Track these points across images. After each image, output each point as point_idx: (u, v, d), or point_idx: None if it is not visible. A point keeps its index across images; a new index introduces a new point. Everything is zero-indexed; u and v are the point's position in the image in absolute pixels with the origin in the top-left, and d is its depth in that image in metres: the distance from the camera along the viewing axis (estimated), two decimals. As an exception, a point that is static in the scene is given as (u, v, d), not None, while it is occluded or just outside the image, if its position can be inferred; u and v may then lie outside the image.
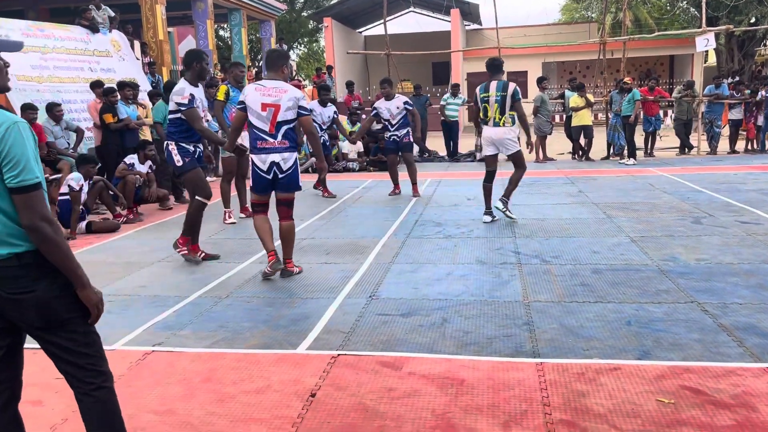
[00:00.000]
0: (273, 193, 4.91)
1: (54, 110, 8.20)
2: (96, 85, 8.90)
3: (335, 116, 9.09)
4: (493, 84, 6.60)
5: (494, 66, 6.68)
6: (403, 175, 8.86)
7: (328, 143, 11.12)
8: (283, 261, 4.94)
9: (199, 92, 5.27)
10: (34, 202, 1.83)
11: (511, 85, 6.56)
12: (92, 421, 2.06)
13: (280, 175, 4.74)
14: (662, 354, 3.24)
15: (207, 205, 5.46)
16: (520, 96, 6.64)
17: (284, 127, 4.67)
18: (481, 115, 6.77)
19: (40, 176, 1.87)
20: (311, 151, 8.25)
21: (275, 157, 4.69)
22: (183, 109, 5.12)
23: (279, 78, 4.75)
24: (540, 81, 12.89)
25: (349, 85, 15.43)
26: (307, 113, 4.72)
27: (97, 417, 2.05)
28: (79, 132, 8.58)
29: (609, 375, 3.02)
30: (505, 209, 6.75)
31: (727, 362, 3.11)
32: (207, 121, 5.35)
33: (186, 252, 5.42)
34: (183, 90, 5.15)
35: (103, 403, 2.05)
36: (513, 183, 6.83)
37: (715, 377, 2.95)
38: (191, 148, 5.34)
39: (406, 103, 8.58)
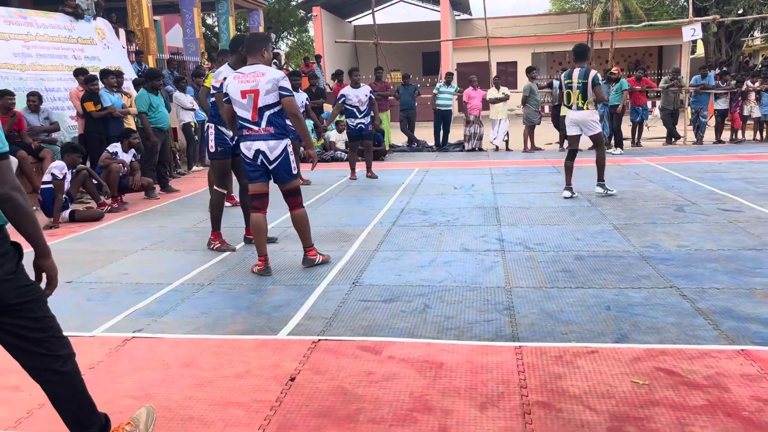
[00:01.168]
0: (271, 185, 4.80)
1: (27, 99, 8.15)
2: (80, 73, 8.80)
3: (307, 103, 9.27)
4: (576, 71, 7.05)
5: (578, 53, 7.15)
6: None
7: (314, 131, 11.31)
8: (304, 250, 4.82)
9: None
10: (4, 171, 1.81)
11: (592, 72, 7.00)
12: (62, 406, 2.05)
13: (270, 166, 4.57)
14: (639, 337, 3.27)
15: (223, 193, 5.44)
16: (600, 81, 7.05)
17: (267, 113, 4.47)
18: (564, 100, 7.25)
19: (6, 147, 1.86)
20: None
21: (260, 146, 4.51)
22: (214, 92, 5.09)
23: (260, 62, 4.54)
24: (529, 71, 12.92)
25: (338, 74, 15.34)
26: (288, 94, 4.48)
27: (64, 400, 2.04)
28: (54, 127, 8.52)
29: (586, 358, 3.05)
30: (605, 191, 7.19)
31: (702, 345, 3.15)
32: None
33: (218, 245, 5.40)
34: (219, 73, 5.10)
35: (65, 386, 2.02)
36: (600, 164, 7.25)
37: (689, 359, 2.99)
38: (230, 133, 5.21)
39: (370, 92, 9.42)
